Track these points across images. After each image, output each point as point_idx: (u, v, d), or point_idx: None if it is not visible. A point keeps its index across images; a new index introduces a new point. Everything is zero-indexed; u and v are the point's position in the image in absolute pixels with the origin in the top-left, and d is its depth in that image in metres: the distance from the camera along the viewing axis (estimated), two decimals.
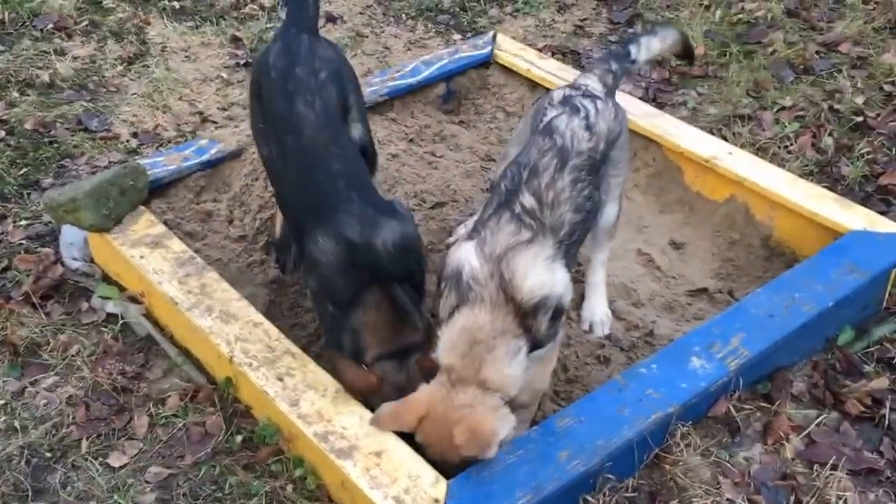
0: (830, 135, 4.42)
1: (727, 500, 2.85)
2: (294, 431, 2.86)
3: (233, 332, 3.11)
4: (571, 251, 2.94)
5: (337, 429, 2.79)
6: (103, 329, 3.50)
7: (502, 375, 2.65)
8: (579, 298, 3.58)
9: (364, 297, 2.94)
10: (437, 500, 2.59)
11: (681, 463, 2.96)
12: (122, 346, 3.43)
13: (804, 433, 3.04)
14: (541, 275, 2.72)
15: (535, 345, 2.75)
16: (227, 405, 3.20)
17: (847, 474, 2.92)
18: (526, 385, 2.79)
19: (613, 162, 3.22)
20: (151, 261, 3.39)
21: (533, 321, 2.71)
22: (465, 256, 2.76)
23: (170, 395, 3.25)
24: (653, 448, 2.94)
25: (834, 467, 2.93)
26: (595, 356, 3.41)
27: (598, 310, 3.54)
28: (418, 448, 2.73)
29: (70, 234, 3.71)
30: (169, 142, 4.53)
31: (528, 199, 2.85)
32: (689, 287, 3.80)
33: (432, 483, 2.64)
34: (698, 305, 3.71)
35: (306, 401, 2.88)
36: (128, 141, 4.57)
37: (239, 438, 3.09)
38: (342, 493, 2.79)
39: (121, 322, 3.50)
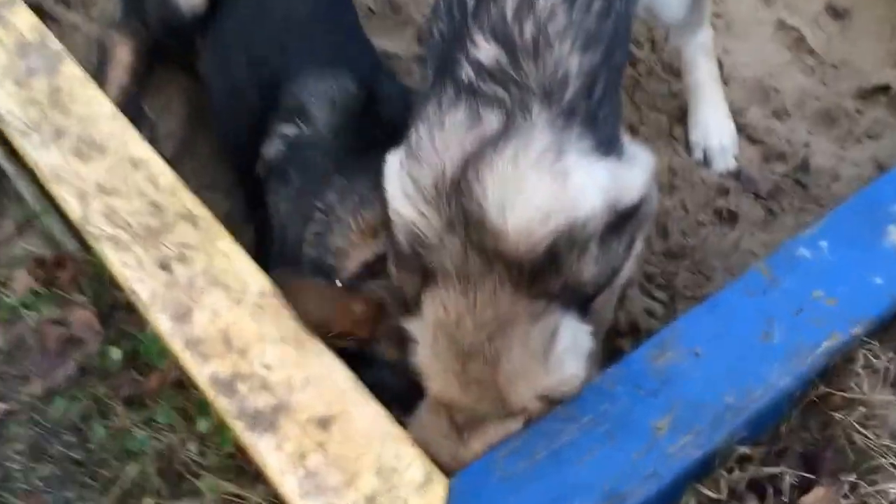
0: None
1: None
2: (184, 365, 1.62)
3: (93, 176, 1.81)
4: (602, 111, 1.54)
5: (254, 370, 1.55)
6: None
7: (543, 390, 1.48)
8: (685, 107, 2.21)
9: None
10: None
11: (859, 406, 1.68)
12: None
13: None
14: (538, 191, 1.41)
15: (586, 298, 1.50)
16: (105, 291, 1.96)
17: None
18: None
19: None
20: None
21: (556, 275, 1.43)
22: (392, 200, 1.49)
23: (18, 272, 2.00)
24: (813, 386, 1.66)
25: None
26: (713, 209, 2.09)
27: (713, 127, 2.17)
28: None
29: None
30: None
31: (484, 49, 1.47)
32: (857, 82, 2.38)
33: (420, 483, 1.42)
34: (873, 114, 2.33)
35: (204, 309, 1.62)
36: None
37: (118, 353, 1.87)
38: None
39: None
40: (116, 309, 1.93)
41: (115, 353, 1.85)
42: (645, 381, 1.52)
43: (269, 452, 1.46)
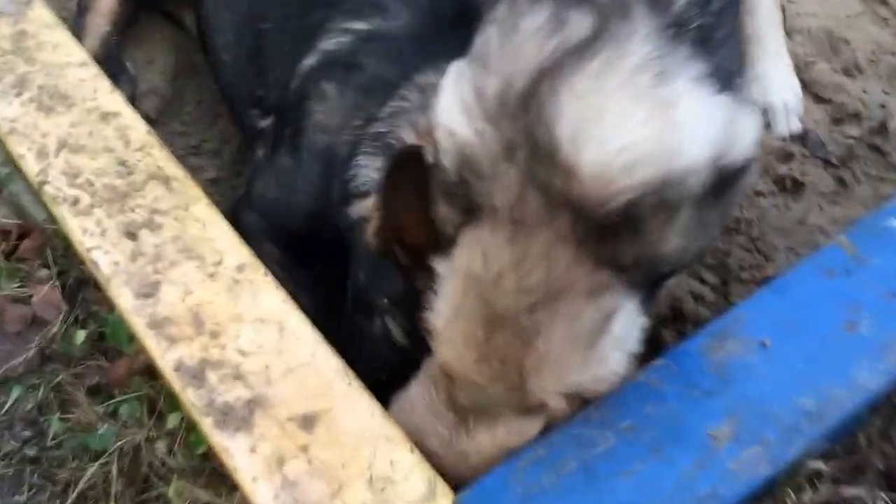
0: None
1: None
2: (149, 349, 1.37)
3: (56, 130, 1.57)
4: (720, 31, 1.22)
5: (227, 356, 1.29)
6: None
7: (574, 386, 1.17)
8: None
9: None
10: None
11: None
12: None
13: None
14: (629, 123, 1.07)
15: (657, 279, 1.19)
16: (73, 266, 1.72)
17: None
18: None
19: None
20: None
21: (632, 242, 1.10)
22: (444, 115, 1.16)
23: None
24: None
25: None
26: (774, 177, 1.79)
27: (775, 83, 1.87)
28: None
29: None
30: None
31: None
32: None
33: (420, 497, 1.16)
34: None
35: (173, 284, 1.37)
36: None
37: (82, 335, 1.62)
38: None
39: None
40: (85, 286, 1.69)
41: (79, 336, 1.61)
42: (700, 380, 1.24)
43: (241, 455, 1.20)
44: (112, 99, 1.61)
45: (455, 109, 1.14)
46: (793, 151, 1.81)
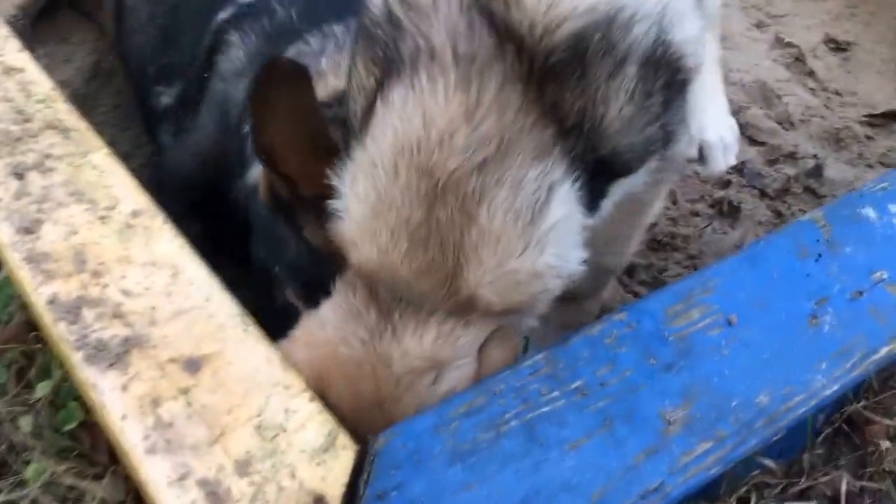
0: None
1: None
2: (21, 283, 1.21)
3: None
4: None
5: (108, 295, 1.14)
6: None
7: (520, 276, 1.06)
8: None
9: None
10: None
11: None
12: None
13: None
14: None
15: (601, 171, 1.09)
16: None
17: None
18: (607, 242, 1.22)
19: None
20: None
21: (576, 90, 1.02)
22: None
23: None
24: (847, 403, 1.28)
25: None
26: (711, 202, 1.74)
27: (711, 119, 1.84)
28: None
29: None
30: None
31: None
32: (865, 110, 2.09)
33: (317, 448, 1.01)
34: (886, 142, 2.01)
35: (58, 224, 1.23)
36: None
37: None
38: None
39: None
40: None
41: None
42: (659, 349, 1.12)
43: (111, 392, 1.04)
44: (20, 57, 1.50)
45: None
46: (730, 179, 1.76)
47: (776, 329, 1.16)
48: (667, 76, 1.06)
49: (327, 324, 1.09)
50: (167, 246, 1.21)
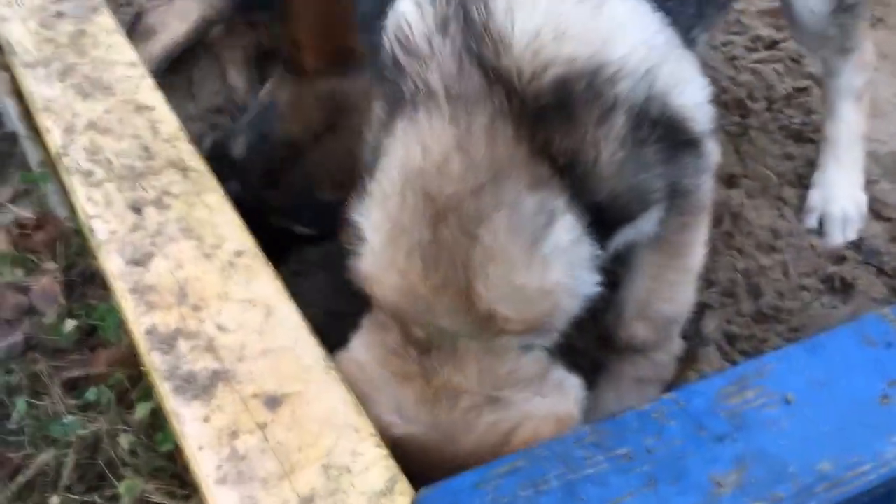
0: None
1: None
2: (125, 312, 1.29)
3: (88, 113, 1.55)
4: None
5: (203, 329, 1.20)
6: None
7: (529, 292, 1.13)
8: (801, 171, 1.84)
9: None
10: None
11: None
12: None
13: None
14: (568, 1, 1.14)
15: (599, 209, 1.15)
16: (81, 258, 1.67)
17: None
18: (639, 307, 1.34)
19: None
20: None
21: (565, 131, 1.11)
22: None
23: None
24: None
25: None
26: (823, 277, 1.67)
27: (841, 191, 1.79)
28: None
29: None
30: None
31: None
32: None
33: (377, 491, 1.03)
34: None
35: (167, 258, 1.30)
36: None
37: (71, 323, 1.55)
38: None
39: None
40: (89, 283, 1.64)
41: (68, 326, 1.54)
42: (711, 422, 1.09)
43: (192, 422, 1.09)
44: (152, 95, 1.60)
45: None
46: (845, 255, 1.70)
47: (842, 406, 1.12)
48: (663, 132, 1.14)
49: (366, 367, 1.16)
50: (265, 286, 1.27)
